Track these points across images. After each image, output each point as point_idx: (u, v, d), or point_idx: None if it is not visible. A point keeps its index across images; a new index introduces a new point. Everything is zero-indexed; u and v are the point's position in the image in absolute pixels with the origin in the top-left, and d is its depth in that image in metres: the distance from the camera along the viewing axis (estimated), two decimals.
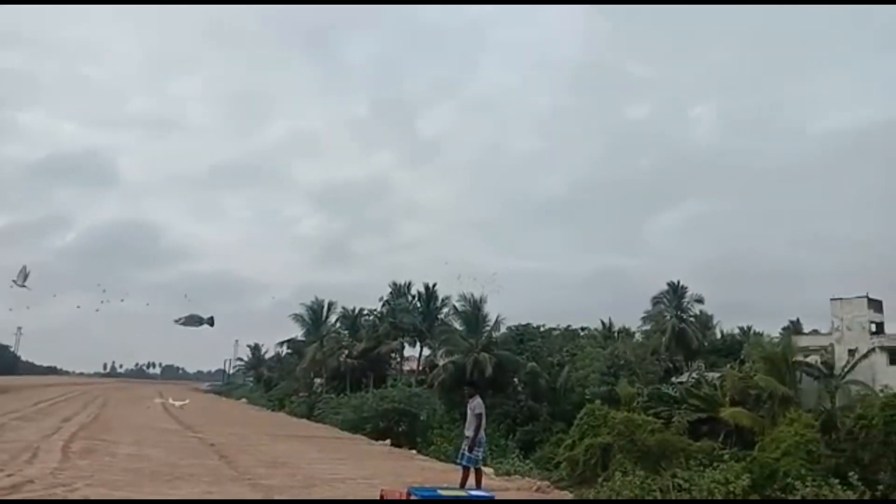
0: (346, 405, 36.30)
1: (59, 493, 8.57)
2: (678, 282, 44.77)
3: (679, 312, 43.76)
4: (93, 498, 8.50)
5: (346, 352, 50.52)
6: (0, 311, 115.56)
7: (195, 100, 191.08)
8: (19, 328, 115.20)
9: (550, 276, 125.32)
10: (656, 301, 44.85)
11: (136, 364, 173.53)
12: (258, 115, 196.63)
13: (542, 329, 45.77)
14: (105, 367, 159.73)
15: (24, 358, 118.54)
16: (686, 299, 44.31)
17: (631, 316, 56.04)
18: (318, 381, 52.62)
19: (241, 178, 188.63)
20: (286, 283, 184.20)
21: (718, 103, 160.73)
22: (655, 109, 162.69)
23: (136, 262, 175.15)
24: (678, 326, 42.57)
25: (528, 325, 45.45)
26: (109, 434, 17.52)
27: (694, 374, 36.84)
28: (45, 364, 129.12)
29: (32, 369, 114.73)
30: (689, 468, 21.84)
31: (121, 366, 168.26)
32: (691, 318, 44.11)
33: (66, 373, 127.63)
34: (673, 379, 37.24)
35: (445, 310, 49.21)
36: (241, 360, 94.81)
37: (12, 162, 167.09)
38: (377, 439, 23.99)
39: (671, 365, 40.20)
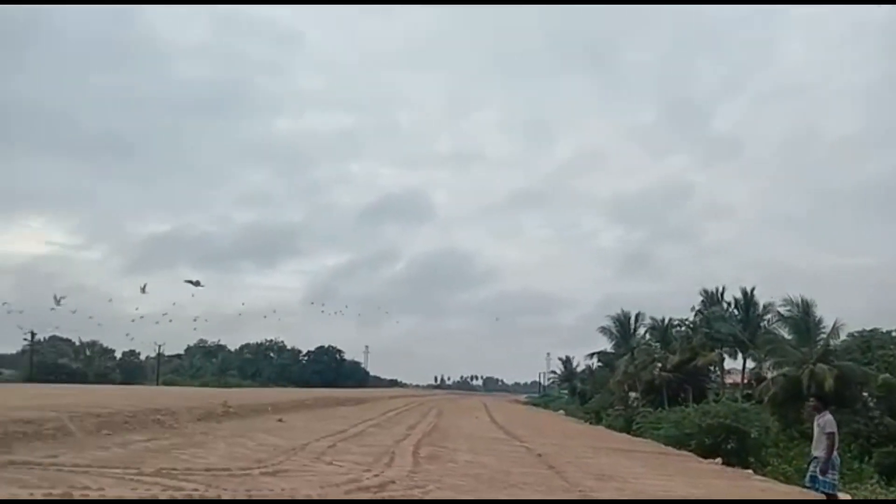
0: (666, 420, 35.01)
1: (416, 494, 9.59)
2: None
3: None
4: (443, 499, 9.39)
5: (660, 365, 49.00)
6: (352, 333, 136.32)
7: (490, 131, 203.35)
8: (366, 347, 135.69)
9: (890, 272, 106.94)
10: None
11: (461, 377, 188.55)
12: (546, 135, 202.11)
13: (894, 334, 39.16)
14: (435, 379, 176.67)
15: (371, 373, 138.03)
16: None
17: None
18: (632, 394, 51.79)
19: (536, 198, 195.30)
20: (589, 296, 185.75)
21: None
22: None
23: (454, 285, 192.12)
24: None
25: (874, 330, 39.30)
26: (448, 441, 19.22)
27: None
28: (388, 377, 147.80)
29: (378, 382, 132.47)
30: None
31: (448, 378, 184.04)
32: None
33: (405, 385, 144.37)
34: None
35: (768, 316, 44.94)
36: (553, 372, 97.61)
37: (349, 207, 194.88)
38: (703, 457, 22.67)
39: None
